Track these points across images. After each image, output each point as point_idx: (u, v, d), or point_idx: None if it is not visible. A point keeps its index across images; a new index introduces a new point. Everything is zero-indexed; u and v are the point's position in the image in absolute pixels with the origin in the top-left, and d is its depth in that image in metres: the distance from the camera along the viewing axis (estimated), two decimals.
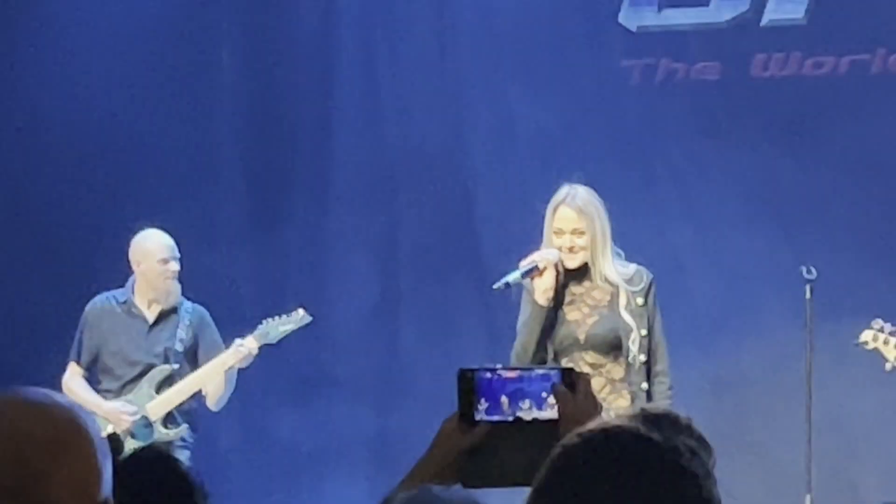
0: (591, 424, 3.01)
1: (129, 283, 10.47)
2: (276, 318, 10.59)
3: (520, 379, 3.55)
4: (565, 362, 8.74)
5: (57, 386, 10.16)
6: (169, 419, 10.35)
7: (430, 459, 3.60)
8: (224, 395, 10.52)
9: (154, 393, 10.27)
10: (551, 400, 3.48)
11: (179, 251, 10.49)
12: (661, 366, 8.89)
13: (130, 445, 9.86)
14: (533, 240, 12.03)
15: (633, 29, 12.80)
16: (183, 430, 10.34)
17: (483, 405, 3.51)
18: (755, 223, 12.08)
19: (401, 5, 13.42)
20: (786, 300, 10.60)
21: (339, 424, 12.28)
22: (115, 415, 10.13)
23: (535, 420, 3.48)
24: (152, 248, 10.32)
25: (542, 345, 8.93)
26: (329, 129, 13.56)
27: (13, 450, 2.81)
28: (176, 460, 4.35)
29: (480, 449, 3.51)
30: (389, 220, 13.33)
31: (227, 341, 10.58)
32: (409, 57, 13.43)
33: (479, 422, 3.51)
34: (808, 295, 9.89)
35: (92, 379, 10.56)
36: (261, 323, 10.58)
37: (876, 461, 11.59)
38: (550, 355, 8.93)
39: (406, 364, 12.43)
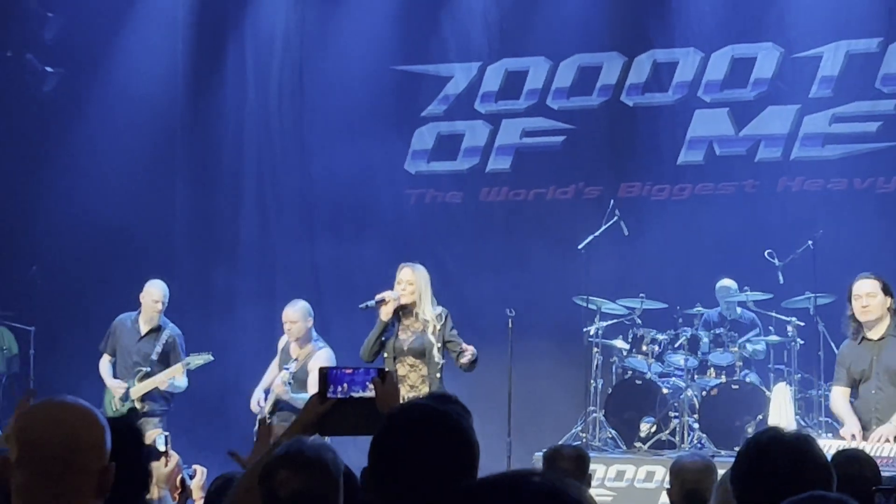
0: (403, 403, 3.39)
1: (139, 309, 11.11)
2: (195, 354, 11.02)
3: (354, 373, 3.81)
4: (398, 361, 9.39)
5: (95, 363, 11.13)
6: (144, 398, 10.90)
7: (301, 420, 3.86)
8: (179, 387, 10.97)
9: (136, 382, 10.92)
10: (371, 386, 3.78)
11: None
12: (462, 345, 9.41)
13: (120, 406, 10.84)
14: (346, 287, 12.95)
15: (413, 172, 14.37)
16: (148, 405, 10.85)
17: (332, 388, 3.78)
18: (480, 280, 13.09)
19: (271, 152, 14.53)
20: (498, 329, 11.18)
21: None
22: (115, 387, 10.92)
23: (361, 397, 3.76)
24: (152, 291, 11.08)
25: (378, 343, 9.47)
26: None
27: (63, 433, 2.94)
28: (135, 425, 4.22)
29: (330, 413, 3.78)
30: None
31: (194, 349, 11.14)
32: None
33: (329, 398, 3.79)
34: (510, 325, 10.89)
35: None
36: (188, 355, 11.00)
37: (551, 422, 12.31)
38: (392, 356, 9.41)
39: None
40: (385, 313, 9.44)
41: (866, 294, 8.71)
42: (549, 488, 1.93)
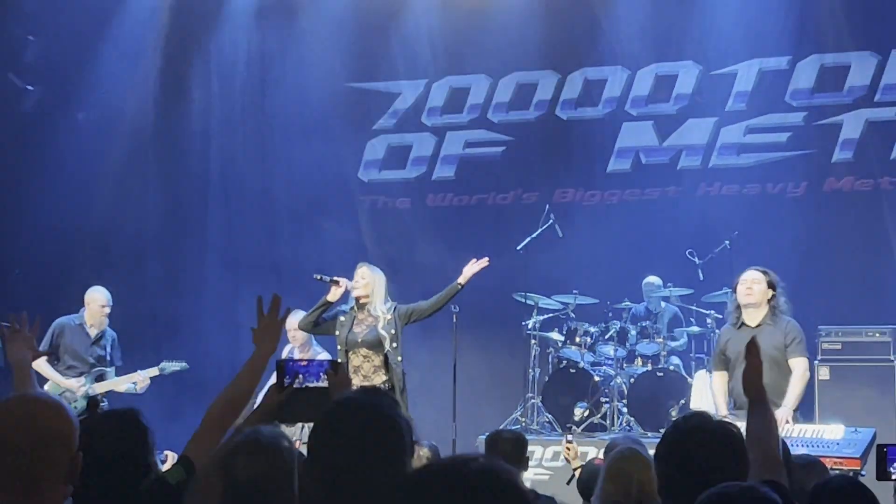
0: (341, 394, 3.30)
1: (80, 313, 10.65)
2: (169, 361, 10.82)
3: (308, 364, 3.81)
4: (353, 352, 9.19)
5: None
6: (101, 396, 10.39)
7: (261, 409, 3.84)
8: (136, 391, 10.60)
9: (94, 381, 10.49)
10: (324, 376, 3.79)
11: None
12: (422, 302, 9.37)
13: (80, 403, 10.16)
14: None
15: (366, 180, 14.42)
16: (105, 404, 10.08)
17: (288, 379, 3.79)
18: (427, 278, 11.49)
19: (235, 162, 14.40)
20: (444, 323, 10.91)
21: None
22: (75, 386, 10.35)
23: (315, 387, 3.76)
24: (98, 297, 10.66)
25: (315, 314, 9.27)
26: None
27: (33, 427, 2.89)
28: (139, 414, 4.17)
29: (287, 402, 3.78)
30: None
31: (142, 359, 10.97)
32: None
33: (286, 387, 3.78)
34: (454, 320, 10.87)
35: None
36: (161, 363, 10.75)
37: (489, 402, 12.40)
38: (343, 349, 9.18)
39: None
40: (333, 295, 9.32)
41: (752, 280, 8.79)
42: (487, 469, 1.94)
